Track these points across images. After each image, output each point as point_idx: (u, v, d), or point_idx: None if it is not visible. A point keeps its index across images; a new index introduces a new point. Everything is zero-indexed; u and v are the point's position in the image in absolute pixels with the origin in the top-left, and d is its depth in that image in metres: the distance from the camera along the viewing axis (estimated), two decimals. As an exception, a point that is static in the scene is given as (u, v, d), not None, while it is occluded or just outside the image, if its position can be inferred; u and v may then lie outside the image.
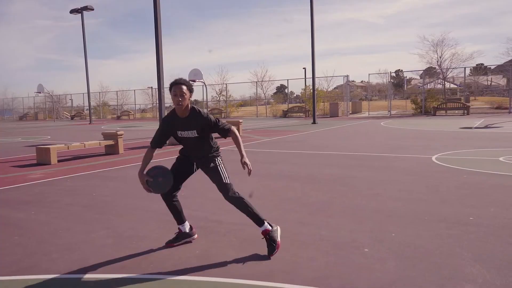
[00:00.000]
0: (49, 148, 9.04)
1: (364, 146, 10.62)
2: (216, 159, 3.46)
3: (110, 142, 10.55)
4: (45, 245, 3.71)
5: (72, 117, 45.73)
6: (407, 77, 53.14)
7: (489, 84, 46.08)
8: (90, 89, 31.15)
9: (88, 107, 34.41)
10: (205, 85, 26.71)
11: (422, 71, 34.03)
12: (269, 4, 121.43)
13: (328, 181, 6.25)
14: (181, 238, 3.60)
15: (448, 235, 3.63)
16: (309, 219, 4.24)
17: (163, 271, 3.02)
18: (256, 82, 40.36)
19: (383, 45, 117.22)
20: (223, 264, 3.13)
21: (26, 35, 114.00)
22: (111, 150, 10.58)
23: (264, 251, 3.32)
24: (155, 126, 24.37)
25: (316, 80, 23.87)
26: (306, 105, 33.59)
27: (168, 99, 23.30)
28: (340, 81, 39.27)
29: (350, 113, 32.63)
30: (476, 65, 40.89)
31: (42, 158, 9.09)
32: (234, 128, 3.43)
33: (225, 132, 3.39)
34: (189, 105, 3.35)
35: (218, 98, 40.95)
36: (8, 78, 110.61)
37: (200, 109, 3.39)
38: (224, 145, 11.96)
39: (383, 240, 3.54)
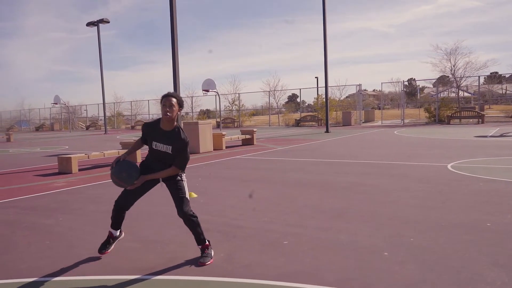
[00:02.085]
0: (70, 157, 9.31)
1: (378, 155, 10.68)
2: (182, 175, 3.53)
3: (128, 151, 10.77)
4: (75, 249, 3.89)
5: (87, 127, 46.49)
6: (420, 86, 52.94)
7: (504, 92, 45.63)
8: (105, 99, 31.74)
9: (103, 117, 34.98)
10: (218, 95, 27.00)
11: (435, 80, 33.92)
12: (280, 14, 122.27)
13: (344, 188, 6.34)
14: (113, 241, 3.65)
15: (466, 240, 3.71)
16: (327, 225, 4.35)
17: (190, 273, 3.16)
18: (269, 91, 40.65)
19: (395, 54, 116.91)
20: (247, 266, 3.26)
21: (41, 48, 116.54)
22: (129, 158, 10.79)
23: (286, 254, 3.46)
24: (169, 135, 24.64)
25: (329, 89, 23.99)
26: (318, 114, 33.69)
27: (184, 108, 23.47)
28: (352, 90, 39.27)
29: (363, 122, 32.62)
30: (491, 73, 40.62)
31: (63, 167, 9.36)
32: (177, 171, 3.45)
33: (179, 165, 3.40)
34: (176, 123, 3.42)
35: (231, 108, 41.28)
36: (24, 90, 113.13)
37: (183, 131, 3.45)
38: (239, 154, 12.12)
39: (401, 244, 3.64)
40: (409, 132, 19.61)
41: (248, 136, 15.53)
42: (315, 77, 42.71)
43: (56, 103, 36.75)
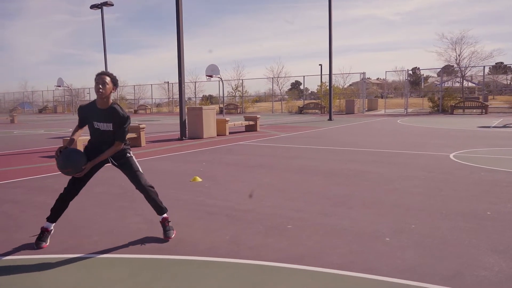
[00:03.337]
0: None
1: (381, 143, 10.73)
2: (129, 152, 3.62)
3: (133, 135, 10.87)
4: (84, 229, 3.98)
5: (90, 111, 46.49)
6: (424, 75, 52.67)
7: (508, 83, 45.36)
8: (109, 83, 31.71)
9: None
10: (222, 81, 26.96)
11: (439, 69, 33.73)
12: (284, 0, 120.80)
13: (347, 176, 6.42)
14: (48, 235, 3.54)
15: (465, 227, 3.79)
16: (331, 211, 4.44)
17: (197, 254, 3.26)
18: (272, 78, 40.52)
19: (400, 42, 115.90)
20: (252, 248, 3.35)
21: (44, 30, 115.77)
22: (134, 142, 10.91)
23: (290, 238, 3.55)
24: (173, 120, 24.72)
25: (332, 76, 23.91)
26: (321, 102, 33.65)
27: (187, 93, 23.54)
28: (356, 78, 39.16)
29: (366, 110, 32.57)
30: (496, 63, 40.38)
31: (68, 149, 9.44)
32: (121, 146, 3.49)
33: (120, 138, 3.42)
34: (111, 99, 3.43)
35: (234, 94, 41.21)
36: (27, 72, 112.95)
37: (121, 107, 3.46)
38: (243, 139, 12.18)
39: (403, 231, 3.72)
40: (412, 122, 19.61)
41: (251, 122, 15.58)
42: (319, 65, 42.61)
43: (59, 86, 36.74)
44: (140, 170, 3.60)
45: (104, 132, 3.44)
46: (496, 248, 3.25)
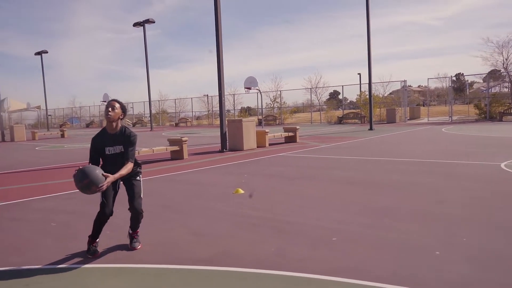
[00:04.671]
0: (122, 153, 9.77)
1: (426, 152, 10.42)
2: (139, 175, 3.87)
3: (176, 147, 11.17)
4: (134, 239, 4.13)
5: (134, 124, 48.18)
6: (469, 81, 50.69)
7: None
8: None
9: (149, 115, 36.17)
10: (260, 92, 27.19)
11: (485, 75, 32.39)
12: (320, 10, 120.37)
13: (392, 186, 6.29)
14: (96, 246, 3.80)
15: (522, 241, 3.62)
16: (376, 222, 4.37)
17: (243, 266, 3.30)
18: (310, 88, 40.40)
19: (442, 48, 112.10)
20: (298, 260, 3.36)
21: (89, 48, 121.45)
22: (177, 155, 11.21)
23: (336, 250, 3.53)
24: (213, 132, 25.14)
25: (372, 85, 23.53)
26: (361, 111, 33.12)
27: (226, 106, 23.90)
28: (397, 86, 38.28)
29: (408, 119, 31.73)
30: (548, 66, 38.16)
31: (115, 163, 9.83)
32: (132, 164, 3.67)
33: (130, 157, 3.62)
34: (120, 124, 3.69)
35: (272, 105, 41.39)
36: (75, 88, 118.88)
37: (130, 129, 3.71)
38: (283, 151, 12.20)
39: (454, 244, 3.60)
40: (458, 130, 18.91)
41: (291, 134, 15.58)
42: (358, 74, 41.84)
43: (105, 101, 38.36)
44: (141, 195, 3.81)
45: (116, 156, 3.67)
46: (557, 263, 3.08)
